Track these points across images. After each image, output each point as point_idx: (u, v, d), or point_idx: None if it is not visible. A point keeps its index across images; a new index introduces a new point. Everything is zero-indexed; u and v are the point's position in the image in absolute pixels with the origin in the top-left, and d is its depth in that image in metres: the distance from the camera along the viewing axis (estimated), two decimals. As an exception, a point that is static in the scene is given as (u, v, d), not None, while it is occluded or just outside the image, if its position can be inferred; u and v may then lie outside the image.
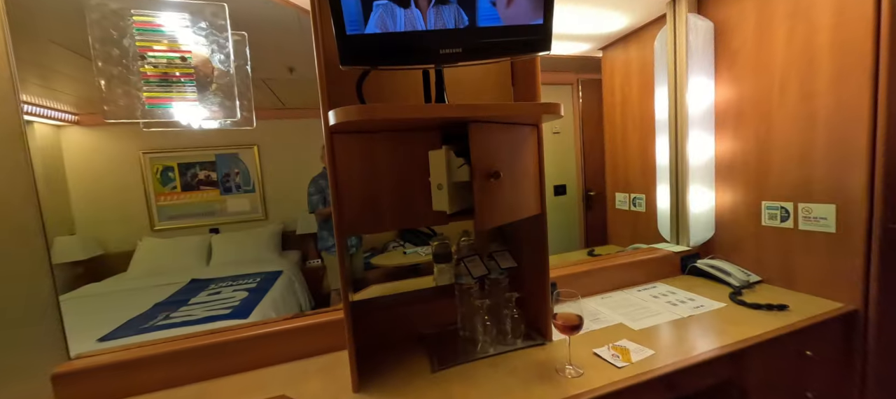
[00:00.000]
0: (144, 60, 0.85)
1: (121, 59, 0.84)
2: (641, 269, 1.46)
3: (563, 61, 2.48)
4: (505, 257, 1.08)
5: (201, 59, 0.90)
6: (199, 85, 0.91)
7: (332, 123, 0.69)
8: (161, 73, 0.89)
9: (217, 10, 0.89)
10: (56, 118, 2.85)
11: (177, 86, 0.90)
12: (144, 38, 0.85)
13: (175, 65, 0.88)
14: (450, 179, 0.79)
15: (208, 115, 0.94)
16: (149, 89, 0.86)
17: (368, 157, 0.83)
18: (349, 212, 0.82)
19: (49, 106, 2.75)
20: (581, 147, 2.84)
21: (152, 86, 0.87)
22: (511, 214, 0.87)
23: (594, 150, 2.80)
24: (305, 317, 1.07)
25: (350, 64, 0.76)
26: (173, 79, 0.89)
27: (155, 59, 0.86)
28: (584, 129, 2.81)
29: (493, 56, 0.80)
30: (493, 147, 0.82)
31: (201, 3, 0.88)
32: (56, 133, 2.93)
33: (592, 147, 2.80)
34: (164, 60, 0.88)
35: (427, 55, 0.78)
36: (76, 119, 2.98)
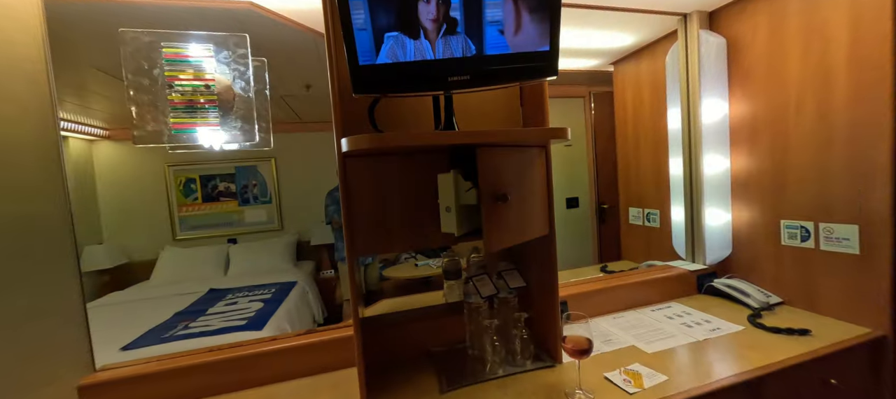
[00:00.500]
0: (172, 89, 0.91)
1: (151, 88, 0.90)
2: (656, 288, 1.44)
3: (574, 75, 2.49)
4: (514, 276, 1.08)
5: (224, 86, 0.96)
6: (222, 110, 0.96)
7: (344, 150, 0.72)
8: (187, 100, 0.95)
9: (239, 40, 0.94)
10: (88, 133, 3.01)
11: (201, 112, 0.95)
12: (172, 68, 0.91)
13: (200, 92, 0.93)
14: (458, 202, 0.80)
15: (229, 138, 0.99)
16: (175, 115, 0.92)
17: (379, 179, 0.86)
18: (360, 234, 0.85)
19: (82, 122, 2.91)
20: (594, 159, 2.82)
21: (179, 112, 0.93)
22: (519, 236, 0.88)
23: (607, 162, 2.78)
24: (317, 333, 1.10)
25: (362, 92, 0.79)
26: (198, 105, 0.95)
27: (181, 87, 0.92)
28: (596, 141, 2.79)
29: (500, 82, 0.82)
30: (501, 170, 0.83)
31: (225, 34, 0.93)
32: (88, 147, 3.10)
33: (606, 159, 2.78)
34: (190, 88, 0.94)
35: (436, 83, 0.81)
36: (107, 134, 3.14)
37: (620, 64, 2.00)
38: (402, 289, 2.20)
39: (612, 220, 2.81)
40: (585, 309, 1.33)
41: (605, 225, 2.88)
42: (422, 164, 0.88)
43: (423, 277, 2.25)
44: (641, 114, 1.89)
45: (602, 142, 2.80)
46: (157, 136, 0.90)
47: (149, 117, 0.89)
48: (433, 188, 0.86)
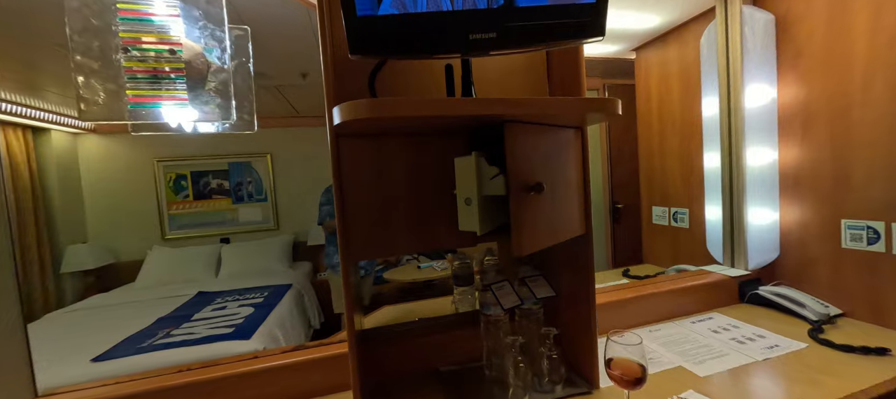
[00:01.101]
0: (128, 53, 0.74)
1: (102, 52, 0.73)
2: (693, 297, 1.27)
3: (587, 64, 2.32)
4: (540, 284, 0.91)
5: (194, 52, 0.79)
6: (192, 83, 0.80)
7: (336, 122, 0.55)
8: (150, 68, 0.78)
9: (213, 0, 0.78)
10: (73, 126, 2.85)
11: (166, 83, 0.78)
12: (130, 29, 0.74)
13: (164, 59, 0.77)
14: (480, 192, 0.64)
15: (201, 116, 0.82)
16: (134, 86, 0.75)
17: (381, 165, 0.69)
18: (357, 234, 0.68)
19: (66, 114, 2.75)
20: (607, 156, 2.66)
21: (138, 83, 0.76)
22: (553, 236, 0.71)
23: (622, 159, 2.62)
24: (307, 349, 0.93)
25: (361, 53, 0.63)
26: (162, 75, 0.78)
27: (141, 51, 0.75)
28: (610, 136, 2.63)
29: (534, 43, 0.66)
30: (533, 153, 0.67)
31: (194, -12, 0.77)
32: (73, 141, 2.94)
33: (620, 156, 2.62)
34: (152, 53, 0.77)
35: (454, 42, 0.64)
36: (93, 127, 2.98)
37: (644, 50, 1.83)
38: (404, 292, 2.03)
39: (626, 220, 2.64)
40: (617, 321, 1.17)
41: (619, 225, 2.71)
42: (434, 148, 0.72)
43: (426, 281, 2.09)
44: (668, 104, 1.72)
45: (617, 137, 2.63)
46: (111, 110, 0.74)
47: (99, 87, 0.73)
48: (448, 176, 0.69)
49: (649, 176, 1.89)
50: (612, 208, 2.68)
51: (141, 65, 0.75)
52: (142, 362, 1.43)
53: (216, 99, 0.82)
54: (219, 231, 3.23)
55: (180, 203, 3.17)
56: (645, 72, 1.85)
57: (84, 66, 0.72)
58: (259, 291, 2.35)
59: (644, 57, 1.84)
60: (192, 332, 1.72)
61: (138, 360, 1.45)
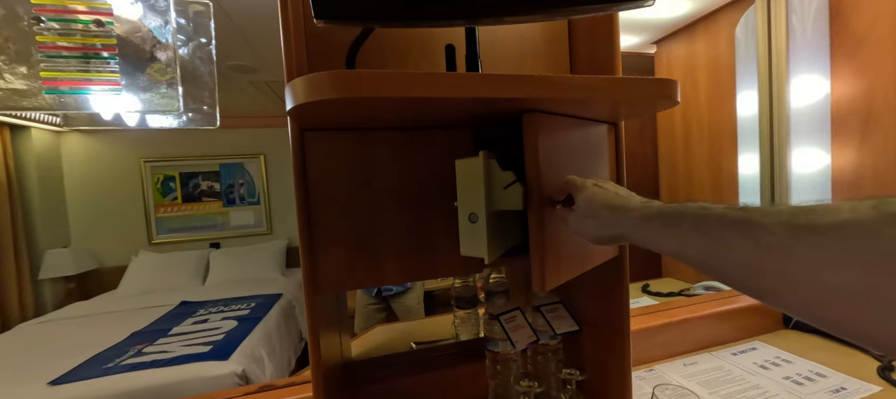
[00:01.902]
0: (40, 24, 0.58)
1: (10, 23, 0.58)
2: (731, 322, 1.10)
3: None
4: (559, 316, 0.75)
5: (130, 26, 0.63)
6: (128, 64, 0.64)
7: (289, 107, 0.39)
8: (76, 44, 0.62)
9: (154, -44, 0.62)
10: (56, 124, 2.71)
11: (96, 63, 0.63)
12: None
13: (88, 32, 0.61)
14: (490, 206, 0.47)
15: (143, 107, 0.66)
16: (48, 66, 0.59)
17: (363, 168, 0.53)
18: (329, 259, 0.52)
19: (47, 111, 2.61)
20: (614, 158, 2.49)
21: (56, 61, 0.60)
22: (583, 262, 0.55)
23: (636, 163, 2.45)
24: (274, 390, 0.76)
25: (329, 17, 0.46)
26: (91, 53, 0.62)
27: (62, 23, 0.60)
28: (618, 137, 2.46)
29: (559, 7, 0.49)
30: (562, 154, 0.51)
31: (130, -56, 0.61)
32: (55, 139, 2.80)
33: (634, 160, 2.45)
34: (79, 25, 0.61)
35: (455, 4, 0.48)
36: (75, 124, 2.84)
37: (666, 42, 1.67)
38: None
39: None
40: (646, 350, 1.00)
41: (632, 233, 2.54)
42: (429, 146, 0.55)
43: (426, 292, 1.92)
44: (694, 101, 1.56)
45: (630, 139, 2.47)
46: (20, 96, 0.58)
47: (3, 66, 0.57)
48: (450, 184, 0.53)
49: (672, 181, 1.72)
50: None
51: (62, 39, 0.60)
52: (103, 387, 1.27)
53: (161, 86, 0.66)
54: (209, 235, 3.07)
55: (168, 206, 3.02)
56: (667, 67, 1.68)
57: (-14, 39, 0.56)
58: (246, 302, 2.19)
59: (666, 50, 1.68)
60: (166, 350, 1.56)
61: (99, 383, 1.29)
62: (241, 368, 1.42)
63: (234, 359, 1.46)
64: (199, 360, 1.43)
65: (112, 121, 0.72)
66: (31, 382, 1.31)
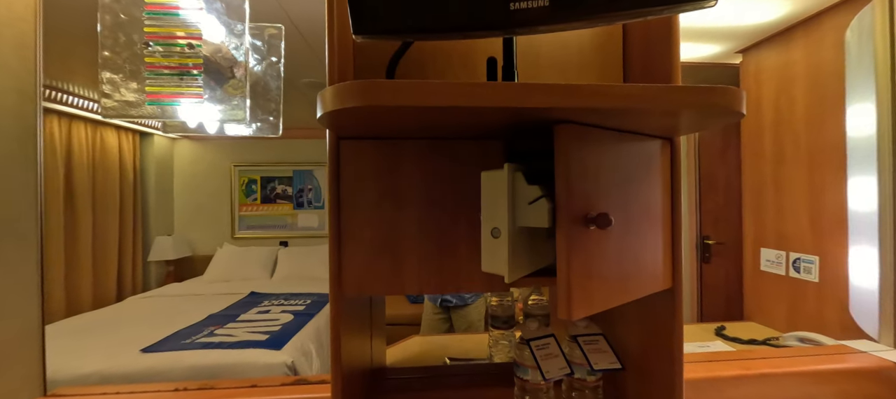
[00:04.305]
0: (149, 47, 0.71)
1: (127, 46, 0.71)
2: (832, 386, 0.89)
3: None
4: (599, 349, 0.67)
5: (212, 47, 0.73)
6: (210, 79, 0.74)
7: (319, 114, 0.42)
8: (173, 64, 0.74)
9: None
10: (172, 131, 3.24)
11: (187, 79, 0.74)
12: (154, 23, 0.71)
13: (183, 53, 0.72)
14: (513, 222, 0.45)
15: (221, 116, 0.76)
16: (152, 81, 0.71)
17: (390, 176, 0.54)
18: (354, 263, 0.53)
19: (166, 121, 3.15)
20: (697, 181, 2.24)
21: (159, 78, 0.72)
22: (623, 292, 0.49)
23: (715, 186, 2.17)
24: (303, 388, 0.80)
25: (367, 32, 0.49)
26: (185, 71, 0.73)
27: (162, 46, 0.72)
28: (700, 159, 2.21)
29: (609, 10, 0.46)
30: (599, 170, 0.46)
31: (217, -20, 0.72)
32: (170, 145, 3.35)
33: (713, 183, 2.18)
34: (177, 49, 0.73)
35: (489, 14, 0.47)
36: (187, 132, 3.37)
37: (754, 51, 1.47)
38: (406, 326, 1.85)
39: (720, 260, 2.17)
40: (711, 406, 0.85)
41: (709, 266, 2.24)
42: (459, 156, 0.55)
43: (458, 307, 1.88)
44: (789, 119, 1.34)
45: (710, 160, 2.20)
46: (130, 106, 0.71)
47: (120, 82, 0.70)
48: (475, 197, 0.52)
49: (759, 209, 1.48)
50: (700, 243, 2.23)
51: (159, 60, 0.72)
52: (179, 360, 1.46)
53: (234, 99, 0.75)
54: (279, 234, 3.40)
55: (249, 205, 3.42)
56: (754, 80, 1.48)
57: (109, 61, 0.70)
58: (302, 298, 2.36)
59: (754, 60, 1.48)
60: (232, 334, 1.74)
61: (177, 356, 1.48)
62: (290, 360, 1.52)
63: (286, 350, 1.57)
64: (256, 346, 1.57)
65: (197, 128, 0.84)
66: (129, 348, 1.55)
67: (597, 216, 0.43)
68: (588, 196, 0.44)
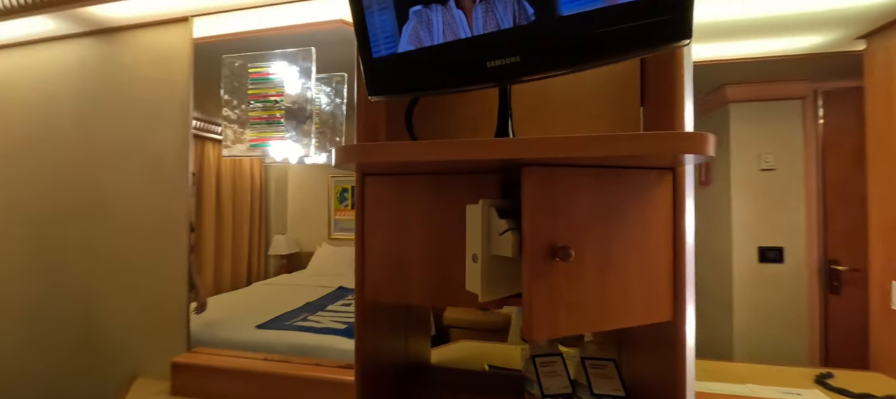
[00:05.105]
0: (251, 105, 0.97)
1: (239, 106, 0.98)
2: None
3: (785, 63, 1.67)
4: (605, 375, 0.68)
5: (291, 99, 0.96)
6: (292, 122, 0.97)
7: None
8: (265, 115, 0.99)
9: (306, 54, 0.94)
10: (286, 149, 3.96)
11: (274, 126, 0.98)
12: (255, 87, 0.97)
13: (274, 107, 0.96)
14: (487, 250, 0.52)
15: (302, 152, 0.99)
16: (254, 129, 0.97)
17: (399, 206, 0.66)
18: (373, 273, 0.66)
19: (282, 141, 3.86)
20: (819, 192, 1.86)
21: (259, 126, 0.98)
22: (601, 321, 0.51)
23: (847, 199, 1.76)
24: (354, 372, 0.96)
25: (378, 93, 0.62)
26: (273, 119, 0.98)
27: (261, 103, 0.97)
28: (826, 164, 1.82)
29: (575, 62, 0.50)
30: (567, 206, 0.50)
31: (294, 50, 0.94)
32: (285, 165, 4.10)
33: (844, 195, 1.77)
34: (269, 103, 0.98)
35: (470, 73, 0.55)
36: (297, 150, 4.06)
37: (882, 35, 1.19)
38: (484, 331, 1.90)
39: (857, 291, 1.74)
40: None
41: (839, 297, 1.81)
42: (457, 189, 0.63)
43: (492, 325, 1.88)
44: (933, 117, 1.05)
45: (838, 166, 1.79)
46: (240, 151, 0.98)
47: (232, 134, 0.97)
48: (467, 224, 0.60)
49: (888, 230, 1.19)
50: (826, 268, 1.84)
51: (259, 113, 0.97)
52: (282, 336, 1.82)
53: (304, 138, 0.97)
54: (365, 236, 3.84)
55: (342, 210, 3.94)
56: (884, 66, 1.19)
57: (227, 117, 0.98)
58: (380, 295, 2.65)
59: (882, 46, 1.19)
60: (319, 321, 2.08)
61: (279, 334, 1.85)
62: (362, 349, 1.76)
63: (359, 340, 1.82)
64: (335, 334, 1.86)
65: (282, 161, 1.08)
66: (248, 323, 1.99)
67: (559, 249, 0.48)
68: (554, 230, 0.49)
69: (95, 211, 1.31)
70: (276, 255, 3.80)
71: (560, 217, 0.50)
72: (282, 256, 3.85)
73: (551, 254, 0.49)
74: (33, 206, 1.38)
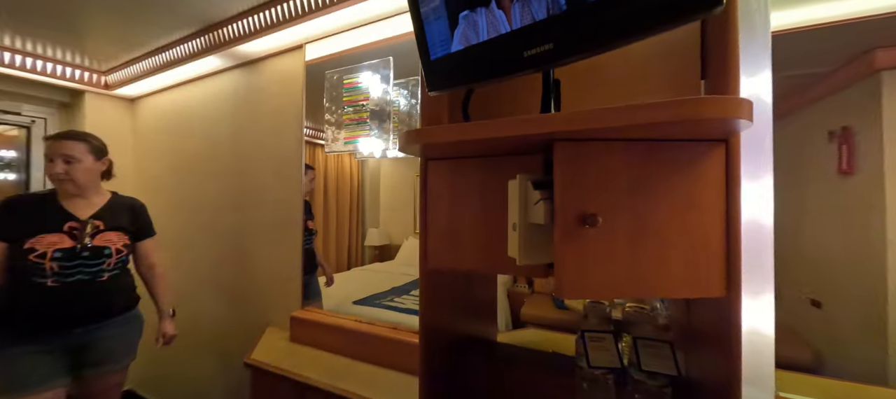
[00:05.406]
0: (345, 110, 1.18)
1: (336, 111, 1.21)
2: None
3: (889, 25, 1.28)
4: (658, 354, 0.67)
5: (374, 102, 1.15)
6: (374, 123, 1.16)
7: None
8: (355, 117, 1.20)
9: (386, 63, 1.11)
10: (378, 152, 4.44)
11: (362, 126, 1.18)
12: (348, 95, 1.19)
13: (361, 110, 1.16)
14: (524, 218, 0.59)
15: (384, 146, 1.17)
16: (347, 130, 1.19)
17: (453, 185, 0.76)
18: (433, 244, 0.78)
19: (375, 144, 4.34)
20: None
21: (350, 127, 1.19)
22: (632, 286, 0.54)
23: None
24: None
25: (436, 89, 0.73)
26: (361, 121, 1.18)
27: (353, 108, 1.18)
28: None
29: (605, 43, 0.53)
30: (598, 177, 0.54)
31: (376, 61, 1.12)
32: (378, 162, 4.58)
33: None
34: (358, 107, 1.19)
35: (510, 64, 0.63)
36: (387, 152, 4.51)
37: None
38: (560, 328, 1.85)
39: None
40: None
41: None
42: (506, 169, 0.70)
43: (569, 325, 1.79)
44: None
45: None
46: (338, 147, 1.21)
47: (331, 135, 1.20)
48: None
49: None
50: None
51: (351, 115, 1.18)
52: (373, 312, 2.10)
53: (386, 134, 1.15)
54: (447, 231, 4.06)
55: (426, 207, 4.24)
56: None
57: (328, 121, 1.21)
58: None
59: None
60: (404, 302, 2.32)
61: (372, 310, 2.13)
62: (439, 330, 1.93)
63: (436, 321, 2.00)
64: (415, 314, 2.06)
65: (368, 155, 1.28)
66: (347, 300, 2.34)
67: (587, 216, 0.52)
68: (584, 199, 0.53)
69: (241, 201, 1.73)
70: (371, 245, 4.26)
71: (590, 187, 0.54)
72: (375, 247, 4.30)
73: (581, 221, 0.53)
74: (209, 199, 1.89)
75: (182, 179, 2.05)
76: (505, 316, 3.00)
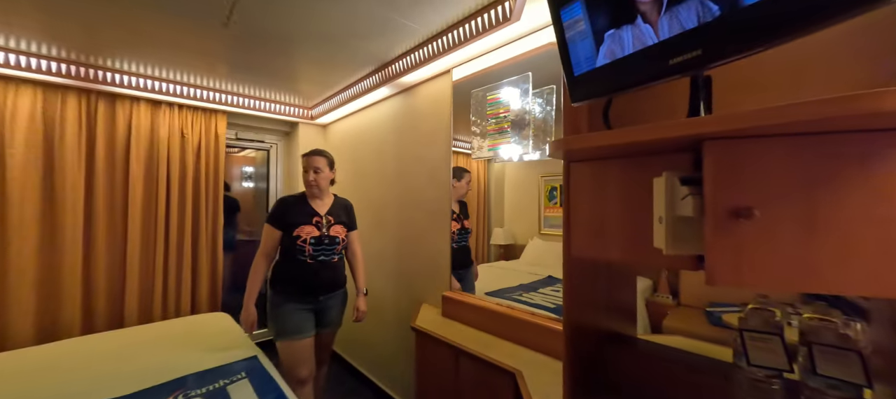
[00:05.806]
0: (488, 121, 1.38)
1: (481, 123, 1.42)
2: None
3: None
4: (843, 361, 0.62)
5: (514, 112, 1.31)
6: (513, 130, 1.32)
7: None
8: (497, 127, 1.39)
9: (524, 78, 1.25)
10: (503, 155, 4.63)
11: (503, 134, 1.36)
12: (491, 108, 1.38)
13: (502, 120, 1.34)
14: (670, 211, 0.65)
15: (521, 151, 1.33)
16: (491, 139, 1.39)
17: (598, 183, 0.85)
18: (577, 235, 0.89)
19: (500, 148, 4.55)
20: None
21: (492, 136, 1.39)
22: (800, 281, 0.54)
23: None
24: (562, 323, 1.20)
25: (580, 100, 0.84)
26: (503, 130, 1.36)
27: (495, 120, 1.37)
28: None
29: (756, 44, 0.56)
30: (754, 173, 0.57)
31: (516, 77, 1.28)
32: (503, 165, 4.78)
33: None
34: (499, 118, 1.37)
35: (654, 72, 0.69)
36: (512, 155, 4.67)
37: None
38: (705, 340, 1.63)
39: None
40: None
41: None
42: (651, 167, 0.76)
43: None
44: None
45: None
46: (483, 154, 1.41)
47: (477, 144, 1.42)
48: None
49: None
50: None
51: (493, 125, 1.38)
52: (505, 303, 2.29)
53: (524, 140, 1.29)
54: (574, 233, 3.95)
55: (551, 208, 4.21)
56: None
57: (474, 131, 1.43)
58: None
59: None
60: (532, 298, 2.42)
61: (504, 301, 2.32)
62: (570, 327, 1.96)
63: (567, 319, 2.03)
64: (544, 309, 2.14)
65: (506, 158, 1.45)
66: (480, 291, 2.59)
67: (741, 209, 0.56)
68: (736, 193, 0.57)
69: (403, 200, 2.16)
70: (496, 244, 4.48)
71: (744, 183, 0.56)
72: (500, 246, 4.50)
73: (734, 214, 0.56)
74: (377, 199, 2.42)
75: (358, 184, 2.67)
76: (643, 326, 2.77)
